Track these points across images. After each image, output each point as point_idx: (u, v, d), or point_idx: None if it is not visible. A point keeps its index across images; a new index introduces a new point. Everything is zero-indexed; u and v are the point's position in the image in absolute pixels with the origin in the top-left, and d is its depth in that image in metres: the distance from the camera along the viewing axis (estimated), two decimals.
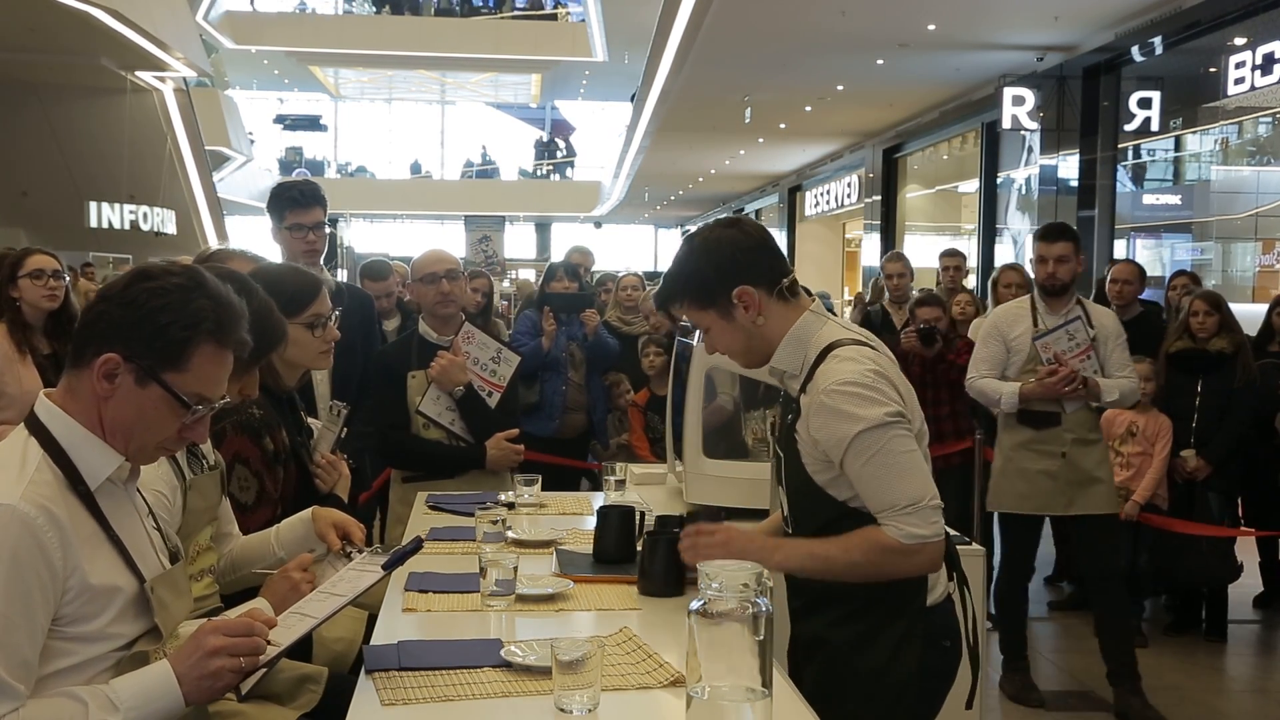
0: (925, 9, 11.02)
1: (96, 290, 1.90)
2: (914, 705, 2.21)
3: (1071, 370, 4.33)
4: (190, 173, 21.32)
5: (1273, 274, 11.48)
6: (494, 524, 2.92)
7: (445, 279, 3.93)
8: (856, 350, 2.18)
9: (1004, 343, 4.51)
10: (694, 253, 2.27)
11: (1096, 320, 4.45)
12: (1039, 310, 4.49)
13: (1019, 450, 4.49)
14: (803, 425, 2.19)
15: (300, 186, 4.02)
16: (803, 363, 2.22)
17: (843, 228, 25.49)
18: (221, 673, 1.76)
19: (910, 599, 2.19)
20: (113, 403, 1.77)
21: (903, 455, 2.10)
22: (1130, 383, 4.44)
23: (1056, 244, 4.43)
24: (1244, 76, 9.62)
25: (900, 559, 2.10)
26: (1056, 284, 4.45)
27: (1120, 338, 4.46)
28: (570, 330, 5.64)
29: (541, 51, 27.91)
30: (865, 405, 2.09)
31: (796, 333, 2.24)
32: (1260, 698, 4.92)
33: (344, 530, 2.44)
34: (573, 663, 1.81)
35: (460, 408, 3.90)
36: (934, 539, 2.11)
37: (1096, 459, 4.46)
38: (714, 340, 2.31)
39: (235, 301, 1.86)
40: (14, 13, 14.82)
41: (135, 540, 1.84)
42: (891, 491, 2.09)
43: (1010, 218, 14.90)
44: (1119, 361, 4.45)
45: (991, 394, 4.50)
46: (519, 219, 33.99)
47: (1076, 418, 4.44)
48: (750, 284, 2.22)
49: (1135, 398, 4.57)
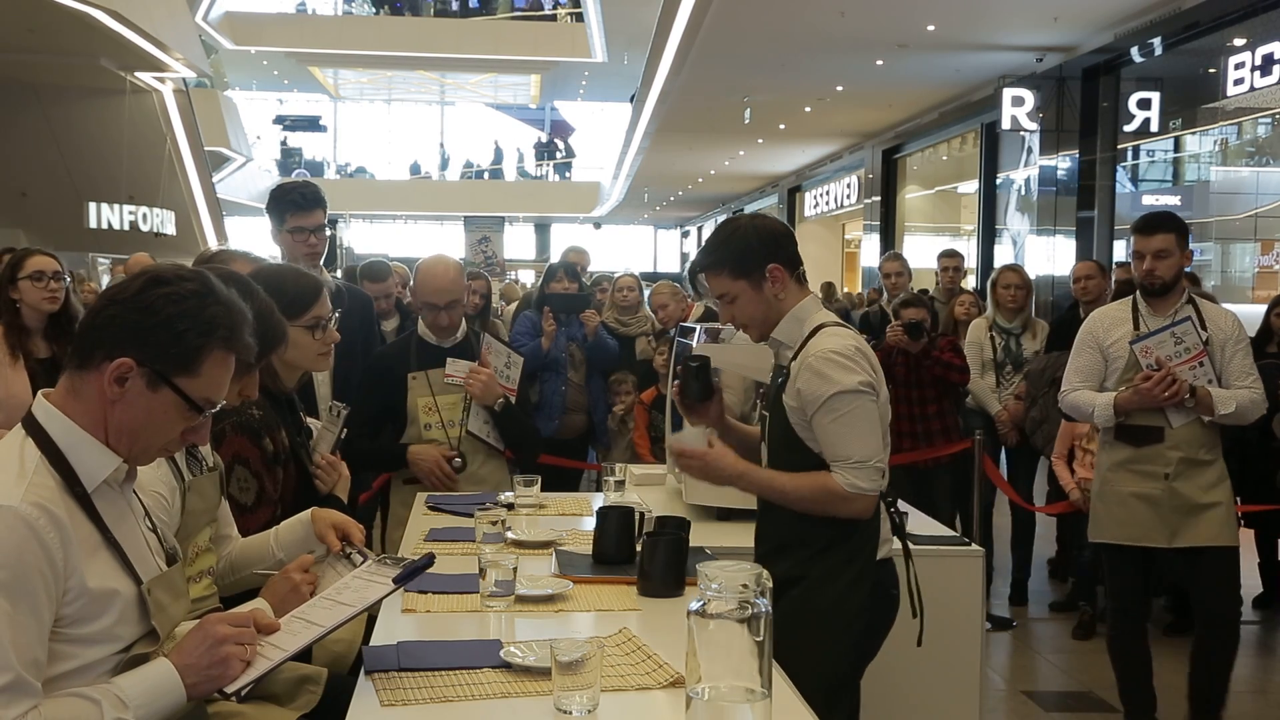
0: (925, 9, 11.03)
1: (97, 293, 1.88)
2: (860, 639, 2.61)
3: (1172, 374, 3.78)
4: (190, 173, 21.31)
5: (1272, 275, 11.49)
6: (493, 525, 2.93)
7: (445, 310, 3.88)
8: (841, 329, 2.64)
9: (1100, 350, 3.97)
10: (739, 230, 2.68)
11: (1212, 322, 3.88)
12: (1141, 312, 3.95)
13: (1117, 471, 3.95)
14: (790, 385, 2.59)
15: (301, 189, 4.00)
16: (798, 337, 2.64)
17: (842, 228, 25.51)
18: (230, 660, 1.79)
19: (862, 546, 2.59)
20: (121, 406, 1.78)
21: (864, 420, 2.53)
22: (1252, 394, 3.84)
23: (1155, 236, 3.86)
24: (1243, 77, 9.63)
25: (840, 502, 2.53)
26: (1156, 282, 3.88)
27: (1241, 342, 3.90)
28: (570, 331, 5.64)
29: (541, 52, 27.92)
30: (843, 372, 2.51)
31: (798, 312, 2.66)
32: (1260, 698, 4.92)
33: (344, 531, 2.44)
34: (572, 663, 1.81)
35: (497, 420, 3.90)
36: (871, 492, 2.54)
37: (1209, 482, 3.87)
38: (736, 309, 2.69)
39: (243, 307, 1.88)
40: (14, 13, 14.82)
41: (132, 542, 1.84)
42: (847, 447, 2.52)
43: (1009, 218, 14.90)
44: (1239, 369, 3.86)
45: (1085, 407, 3.96)
46: (518, 220, 33.99)
47: (1185, 433, 3.84)
48: (781, 264, 2.63)
49: (1259, 411, 3.89)
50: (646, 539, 2.57)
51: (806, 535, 2.60)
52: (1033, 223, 13.37)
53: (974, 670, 3.34)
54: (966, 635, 3.33)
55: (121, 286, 1.83)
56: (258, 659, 1.85)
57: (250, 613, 1.92)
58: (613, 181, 28.55)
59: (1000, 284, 6.08)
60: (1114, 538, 3.96)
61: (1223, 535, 3.87)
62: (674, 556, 2.53)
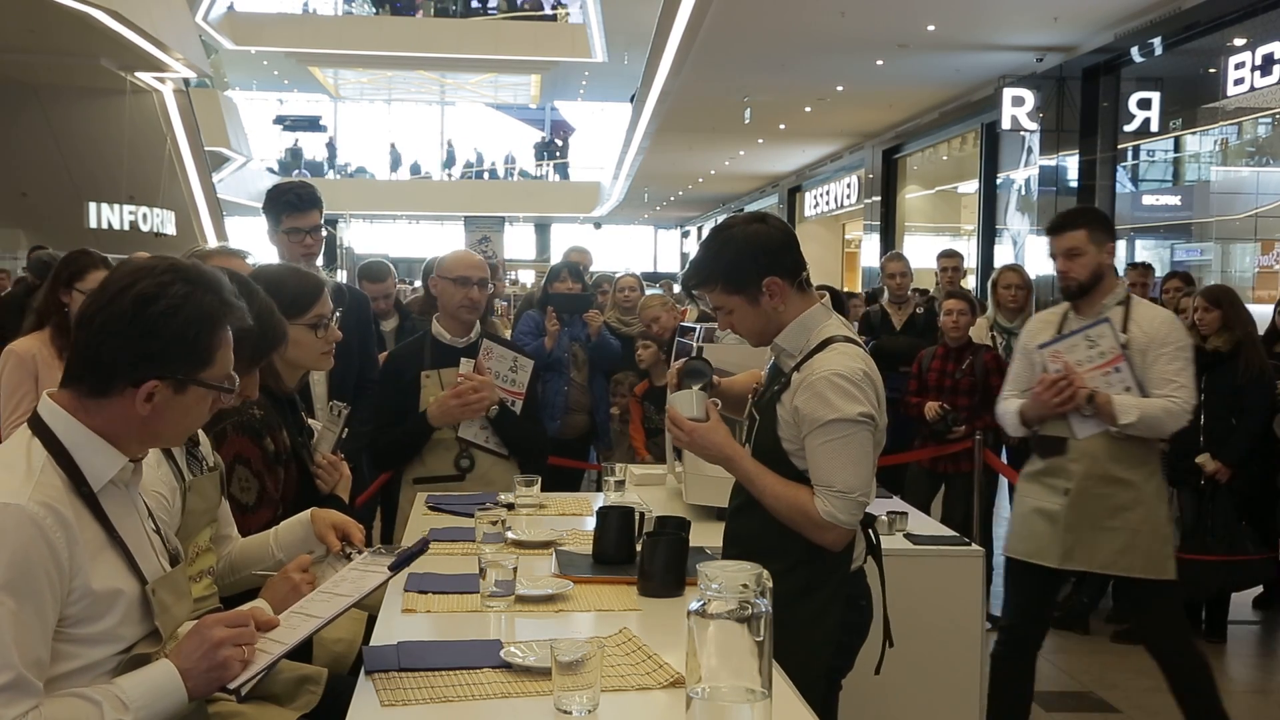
0: (925, 9, 11.03)
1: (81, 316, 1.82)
2: (833, 658, 2.51)
3: (1067, 378, 3.47)
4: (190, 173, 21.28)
5: (1272, 274, 11.48)
6: (494, 525, 2.93)
7: (478, 285, 3.94)
8: (852, 348, 2.48)
9: (1028, 356, 3.70)
10: (731, 243, 2.53)
11: (1138, 324, 3.51)
12: (1069, 316, 3.64)
13: (1028, 483, 3.70)
14: (788, 396, 2.47)
15: (297, 189, 4.00)
16: (803, 346, 2.51)
17: (842, 228, 25.50)
18: (230, 662, 1.79)
19: (839, 564, 2.48)
20: (154, 418, 1.80)
21: (857, 450, 2.41)
22: (1168, 403, 3.41)
23: (1064, 235, 3.58)
24: (1243, 77, 9.62)
25: (812, 527, 2.43)
26: (1071, 284, 3.58)
27: (1168, 346, 3.47)
28: (573, 331, 5.64)
29: (541, 52, 27.92)
30: (846, 401, 2.40)
31: (805, 320, 2.53)
32: (1260, 698, 4.92)
33: (343, 531, 2.44)
34: (572, 663, 1.81)
35: (494, 425, 3.91)
36: (847, 525, 2.43)
37: (1120, 503, 3.48)
38: (733, 320, 2.58)
39: (217, 274, 1.89)
40: (13, 13, 14.81)
41: (137, 543, 1.84)
42: (834, 474, 2.41)
43: (1010, 218, 14.90)
44: (1160, 376, 3.44)
45: (1004, 417, 3.73)
46: (518, 220, 33.99)
47: (1091, 446, 3.50)
48: (779, 276, 2.49)
49: (1176, 422, 3.45)
50: (646, 539, 2.57)
51: (779, 547, 2.45)
52: (1033, 223, 13.36)
53: (974, 670, 3.34)
54: (966, 635, 3.34)
55: (111, 313, 1.76)
56: (258, 655, 1.85)
57: (249, 611, 1.92)
58: (613, 181, 28.55)
59: (1001, 284, 6.08)
60: (1013, 552, 3.68)
61: (1120, 563, 3.48)
62: (674, 556, 2.53)
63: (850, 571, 2.52)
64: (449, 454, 3.90)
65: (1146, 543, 3.48)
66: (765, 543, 2.48)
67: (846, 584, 2.51)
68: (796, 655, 2.29)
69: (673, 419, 2.60)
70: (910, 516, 3.62)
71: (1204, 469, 5.19)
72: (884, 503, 3.66)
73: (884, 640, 2.62)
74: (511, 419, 3.95)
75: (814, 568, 2.46)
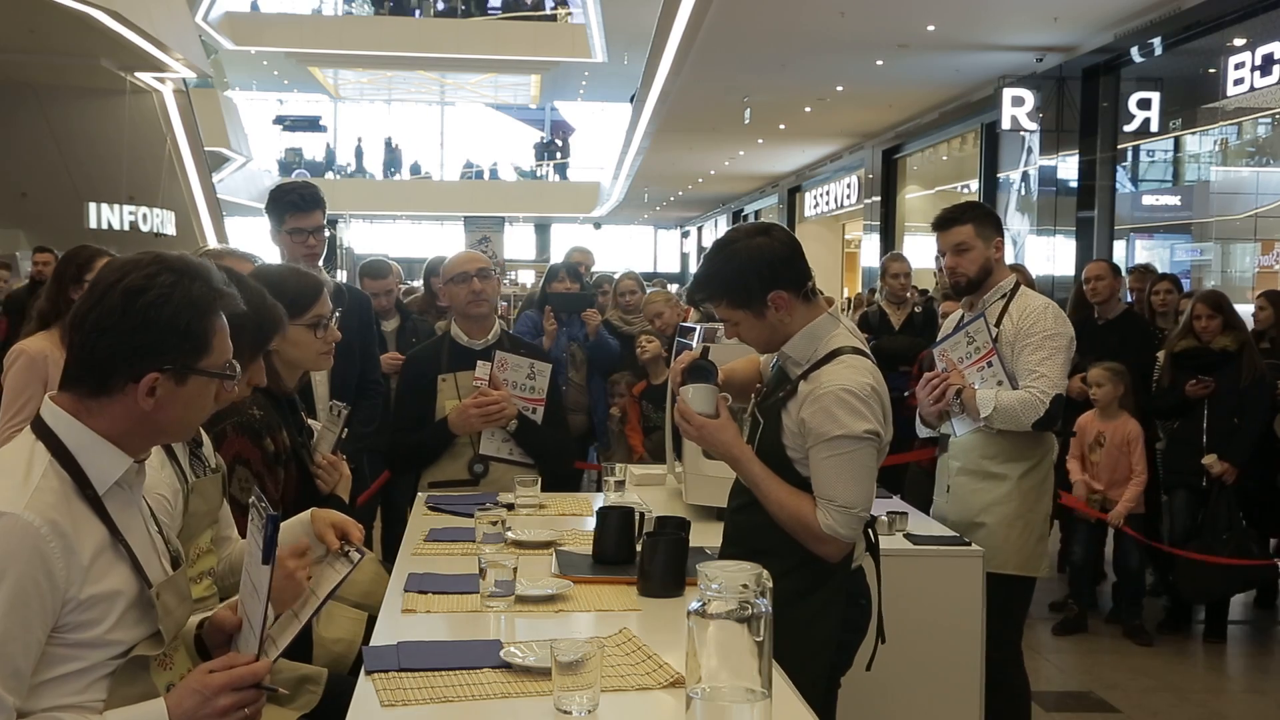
0: (925, 9, 11.03)
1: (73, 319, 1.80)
2: (834, 655, 2.53)
3: (939, 376, 3.47)
4: (190, 174, 21.28)
5: (1272, 274, 11.48)
6: (493, 525, 2.93)
7: (477, 277, 3.93)
8: (860, 361, 2.48)
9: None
10: (735, 258, 2.52)
11: (1010, 316, 3.45)
12: (966, 315, 3.65)
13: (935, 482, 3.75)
14: (794, 405, 2.48)
15: (300, 190, 3.99)
16: (811, 356, 2.50)
17: (842, 228, 25.51)
18: (229, 711, 1.76)
19: (839, 566, 2.49)
20: (157, 411, 1.79)
21: (861, 466, 2.42)
22: (1025, 394, 3.32)
23: (950, 231, 3.55)
24: (1243, 77, 9.63)
25: (811, 538, 2.44)
26: (960, 280, 3.55)
27: (1034, 336, 3.38)
28: (571, 330, 5.64)
29: (541, 52, 27.92)
30: (854, 418, 2.39)
31: (813, 329, 2.52)
32: (1260, 698, 4.92)
33: (343, 530, 2.44)
34: (572, 664, 1.81)
35: (516, 437, 3.88)
36: (846, 539, 2.44)
37: (990, 499, 3.42)
38: (740, 331, 2.58)
39: (204, 263, 1.88)
40: (13, 13, 14.80)
41: (140, 545, 1.84)
42: (837, 489, 2.41)
43: (1010, 218, 14.89)
44: (1025, 366, 3.37)
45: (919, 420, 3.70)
46: (518, 220, 33.98)
47: (966, 442, 3.48)
48: (783, 289, 2.49)
49: (1033, 413, 3.31)
50: (646, 539, 2.57)
51: (779, 547, 2.47)
52: (1033, 223, 13.37)
53: (974, 670, 3.34)
54: (966, 635, 3.33)
55: (103, 310, 1.76)
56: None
57: (251, 670, 1.82)
58: (613, 181, 28.55)
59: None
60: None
61: (994, 560, 3.36)
62: (674, 556, 2.53)
63: (850, 570, 2.54)
64: (463, 458, 3.89)
65: (1005, 538, 3.41)
66: (765, 543, 2.50)
67: (846, 584, 2.52)
68: (796, 655, 2.29)
69: (683, 413, 2.59)
70: (910, 516, 3.62)
71: (1210, 470, 5.20)
72: (884, 503, 3.66)
73: (877, 637, 2.63)
74: (533, 428, 3.91)
75: (814, 568, 2.47)
